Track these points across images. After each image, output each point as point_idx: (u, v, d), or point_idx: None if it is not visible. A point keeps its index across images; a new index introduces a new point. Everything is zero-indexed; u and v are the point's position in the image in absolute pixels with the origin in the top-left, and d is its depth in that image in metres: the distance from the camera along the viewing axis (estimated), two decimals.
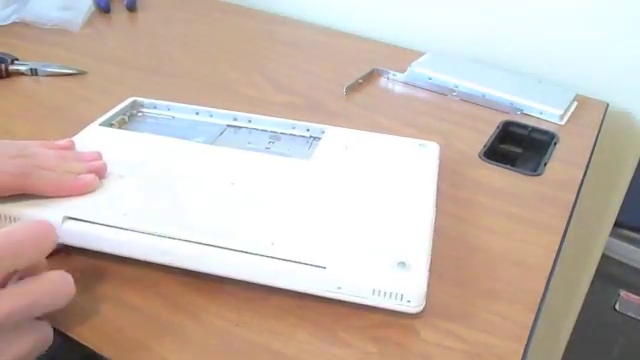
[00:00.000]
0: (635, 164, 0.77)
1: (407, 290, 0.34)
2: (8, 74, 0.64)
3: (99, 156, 0.43)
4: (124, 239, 0.37)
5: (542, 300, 0.40)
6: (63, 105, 0.60)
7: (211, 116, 0.53)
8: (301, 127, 0.51)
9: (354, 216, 0.39)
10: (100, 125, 0.49)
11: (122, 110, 0.53)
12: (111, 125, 0.51)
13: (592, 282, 0.89)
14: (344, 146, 0.48)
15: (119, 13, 0.86)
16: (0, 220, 0.37)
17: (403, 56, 0.75)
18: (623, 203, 0.81)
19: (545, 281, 0.41)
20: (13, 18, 0.78)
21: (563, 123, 0.65)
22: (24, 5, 0.79)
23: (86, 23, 0.81)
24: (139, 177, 0.42)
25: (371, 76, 0.72)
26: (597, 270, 0.88)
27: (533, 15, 0.76)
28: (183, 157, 0.45)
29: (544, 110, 0.65)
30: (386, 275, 0.35)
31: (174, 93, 0.64)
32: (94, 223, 0.37)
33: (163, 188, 0.41)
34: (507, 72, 0.74)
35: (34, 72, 0.65)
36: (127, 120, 0.53)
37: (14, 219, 0.37)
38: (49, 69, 0.65)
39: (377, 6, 0.86)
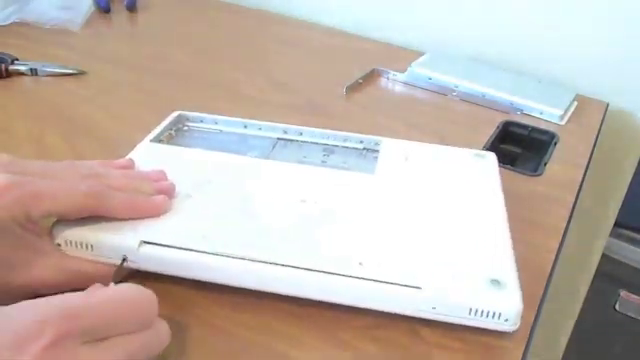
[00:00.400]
0: (635, 164, 0.77)
1: (504, 309, 0.34)
2: (8, 74, 0.64)
3: (164, 175, 0.41)
4: (206, 263, 0.35)
5: (542, 300, 0.40)
6: (63, 105, 0.60)
7: (260, 129, 0.51)
8: (354, 139, 0.50)
9: (435, 232, 0.38)
10: (151, 141, 0.48)
11: (169, 125, 0.51)
12: (160, 141, 0.49)
13: (592, 282, 0.89)
14: (404, 158, 0.47)
15: (119, 13, 0.86)
16: (74, 247, 0.36)
17: (403, 56, 0.75)
18: (623, 203, 0.81)
19: (545, 281, 0.41)
20: (13, 18, 0.78)
21: (563, 123, 0.65)
22: (24, 5, 0.79)
23: (86, 23, 0.81)
24: (208, 196, 0.40)
25: (371, 76, 0.72)
26: (597, 270, 0.88)
27: (533, 15, 0.76)
28: (246, 174, 0.44)
29: (544, 110, 0.65)
30: (482, 294, 0.34)
31: (174, 93, 0.64)
32: (173, 247, 0.35)
33: (236, 207, 0.39)
34: (507, 72, 0.74)
35: (34, 72, 0.65)
36: (174, 135, 0.51)
37: (90, 246, 0.35)
38: (49, 69, 0.65)
39: (377, 6, 0.86)
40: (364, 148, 0.50)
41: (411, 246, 0.37)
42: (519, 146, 0.62)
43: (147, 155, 0.45)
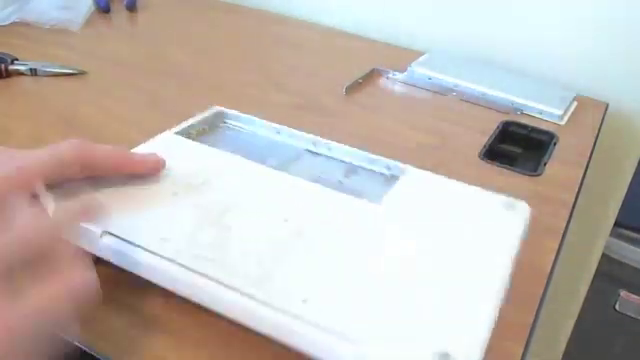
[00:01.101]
0: (635, 164, 0.77)
1: None
2: (8, 74, 0.64)
3: (163, 162, 0.41)
4: (156, 266, 0.34)
5: (542, 300, 0.40)
6: (63, 105, 0.60)
7: (291, 137, 0.50)
8: (381, 163, 0.46)
9: (409, 284, 0.33)
10: (176, 133, 0.46)
11: (204, 120, 0.50)
12: (189, 135, 0.47)
13: (592, 282, 0.89)
14: (421, 193, 0.42)
15: (119, 13, 0.86)
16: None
17: (403, 56, 0.75)
18: (623, 203, 0.81)
19: (545, 281, 0.41)
20: (13, 18, 0.78)
21: (563, 123, 0.65)
22: (24, 5, 0.79)
23: (86, 23, 0.81)
24: (192, 199, 0.39)
25: (371, 76, 0.72)
26: (597, 270, 0.88)
27: (533, 15, 0.76)
28: (246, 183, 0.41)
29: (544, 110, 0.65)
30: None
31: (174, 93, 0.64)
32: (130, 243, 0.34)
33: (212, 215, 0.37)
34: (507, 72, 0.74)
35: (34, 72, 0.65)
36: (207, 131, 0.50)
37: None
38: (49, 69, 0.65)
39: (377, 6, 0.86)
40: (391, 175, 0.46)
41: (370, 293, 0.32)
42: (519, 146, 0.62)
43: (161, 146, 0.44)
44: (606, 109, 0.70)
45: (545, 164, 0.56)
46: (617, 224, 0.84)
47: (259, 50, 0.78)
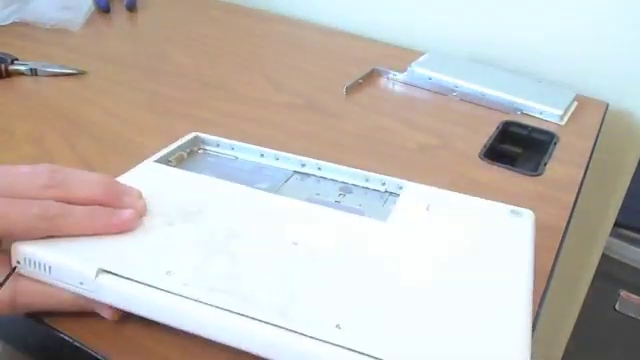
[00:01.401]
0: (635, 164, 0.77)
1: None
2: (8, 74, 0.64)
3: (140, 194, 0.38)
4: (165, 304, 0.31)
5: (542, 300, 0.40)
6: (63, 105, 0.60)
7: (277, 159, 0.47)
8: (375, 180, 0.45)
9: (435, 303, 0.32)
10: (156, 162, 0.44)
11: (182, 146, 0.47)
12: (168, 162, 0.45)
13: (592, 282, 0.89)
14: (425, 207, 0.41)
15: (119, 13, 0.86)
16: (32, 267, 0.32)
17: (403, 56, 0.75)
18: (623, 203, 0.81)
19: (545, 281, 0.41)
20: (13, 18, 0.78)
21: (563, 123, 0.65)
22: (24, 5, 0.79)
23: (86, 23, 0.81)
24: (191, 228, 0.36)
25: (371, 76, 0.72)
26: (597, 270, 0.88)
27: (533, 15, 0.76)
28: (244, 208, 0.39)
29: (544, 110, 0.65)
30: None
31: (174, 93, 0.64)
32: (131, 280, 0.31)
33: (217, 244, 0.35)
34: (507, 72, 0.74)
35: (34, 72, 0.65)
36: (186, 157, 0.47)
37: (48, 268, 0.32)
38: (49, 69, 0.65)
39: (377, 6, 0.86)
40: (386, 191, 0.45)
41: (402, 315, 0.31)
42: (519, 146, 0.62)
43: (145, 176, 0.42)
44: (606, 109, 0.70)
45: (545, 164, 0.56)
46: (617, 224, 0.84)
47: (259, 50, 0.78)
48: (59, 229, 0.33)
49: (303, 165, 0.47)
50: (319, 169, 0.47)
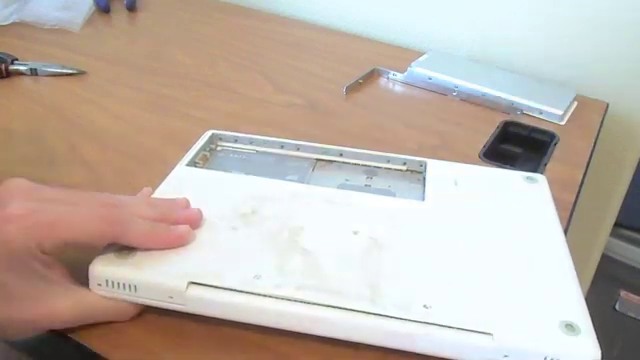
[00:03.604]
0: (635, 164, 0.77)
1: (582, 357, 0.31)
2: (8, 74, 0.64)
3: (188, 202, 0.39)
4: (260, 307, 0.33)
5: None
6: (63, 105, 0.60)
7: (298, 149, 0.49)
8: (397, 160, 0.48)
9: (498, 269, 0.36)
10: (187, 166, 0.45)
11: (203, 146, 0.48)
12: (196, 164, 0.46)
13: (592, 282, 0.89)
14: (453, 182, 0.44)
15: (119, 13, 0.86)
16: (115, 288, 0.34)
17: (403, 56, 0.75)
18: (623, 203, 0.81)
19: None
20: (13, 18, 0.78)
21: (563, 123, 0.65)
22: (24, 5, 0.79)
23: (86, 23, 0.81)
24: (255, 229, 0.38)
25: (371, 76, 0.72)
26: (597, 270, 0.88)
27: (533, 15, 0.76)
28: (291, 202, 0.41)
29: (544, 110, 0.65)
30: (559, 341, 0.31)
31: (174, 93, 0.64)
32: (222, 288, 0.33)
33: (286, 242, 0.37)
34: (507, 72, 0.74)
35: (34, 72, 0.65)
36: (209, 157, 0.48)
37: (134, 287, 0.33)
38: (49, 69, 0.65)
39: (377, 6, 0.86)
40: (407, 170, 0.47)
41: (476, 286, 0.34)
42: (519, 146, 0.62)
43: (183, 181, 0.43)
44: (606, 109, 0.70)
45: (545, 164, 0.56)
46: (617, 224, 0.84)
47: (259, 50, 0.78)
48: (124, 237, 0.34)
49: (325, 152, 0.49)
50: (341, 155, 0.48)
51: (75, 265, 0.34)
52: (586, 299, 0.35)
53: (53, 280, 0.33)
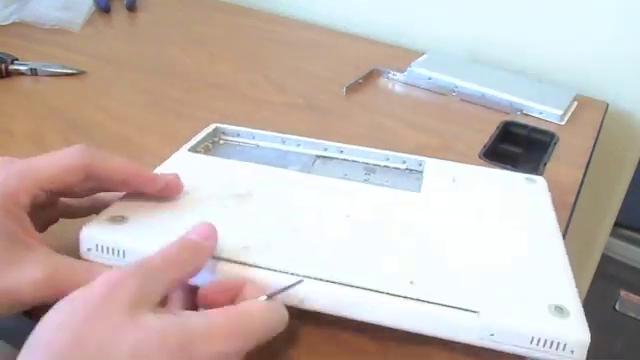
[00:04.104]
0: (635, 164, 0.77)
1: (570, 339, 0.30)
2: (8, 74, 0.64)
3: (177, 176, 0.39)
4: (247, 276, 0.33)
5: None
6: (63, 105, 0.60)
7: (299, 145, 0.49)
8: (396, 159, 0.48)
9: (489, 254, 0.36)
10: (189, 151, 0.46)
11: (206, 137, 0.49)
12: (197, 152, 0.47)
13: (592, 282, 0.89)
14: (451, 179, 0.44)
15: (119, 13, 0.86)
16: (104, 252, 0.34)
17: (403, 56, 0.75)
18: (623, 203, 0.81)
19: None
20: (13, 18, 0.78)
21: (563, 123, 0.65)
22: (24, 5, 0.79)
23: (86, 23, 0.81)
24: (248, 209, 0.38)
25: (371, 76, 0.72)
26: (597, 270, 0.88)
27: (533, 15, 0.76)
28: (288, 187, 0.42)
29: (544, 110, 0.65)
30: (546, 322, 0.31)
31: (174, 93, 0.64)
32: (211, 258, 0.33)
33: (278, 221, 0.37)
34: (507, 72, 0.74)
35: (34, 72, 0.65)
36: (211, 148, 0.49)
37: (122, 252, 0.34)
38: (49, 69, 0.65)
39: (377, 6, 0.86)
40: (407, 168, 0.48)
41: (465, 267, 0.35)
42: (519, 146, 0.62)
43: (184, 164, 0.43)
44: (606, 109, 0.70)
45: (545, 164, 0.56)
46: (617, 224, 0.84)
47: (259, 50, 0.78)
48: (102, 165, 0.34)
49: (325, 149, 0.49)
50: (341, 152, 0.49)
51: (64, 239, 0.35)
52: (586, 299, 0.35)
53: (30, 244, 0.31)
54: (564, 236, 0.47)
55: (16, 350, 0.27)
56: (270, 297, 0.30)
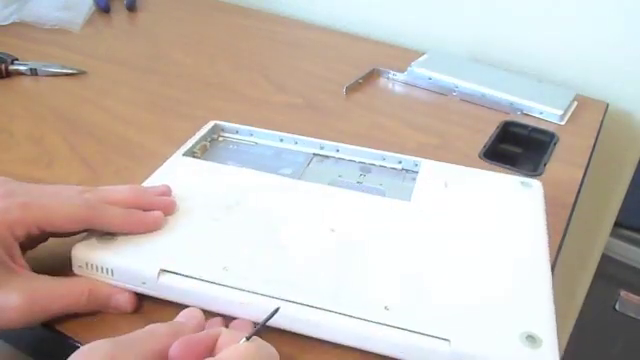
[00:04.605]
0: (635, 164, 0.77)
1: None
2: (8, 74, 0.64)
3: (168, 190, 0.41)
4: (225, 298, 0.34)
5: None
6: (63, 105, 0.60)
7: (296, 143, 0.50)
8: (392, 159, 0.48)
9: (469, 274, 0.36)
10: (183, 155, 0.47)
11: (204, 136, 0.50)
12: (194, 154, 0.48)
13: (592, 282, 0.89)
14: (443, 184, 0.44)
15: (119, 13, 0.86)
16: (94, 270, 0.35)
17: (403, 56, 0.75)
18: (623, 203, 0.81)
19: None
20: (13, 18, 0.78)
21: (563, 123, 0.65)
22: (24, 5, 0.79)
23: (86, 23, 0.81)
24: (235, 221, 0.39)
25: (371, 76, 0.72)
26: (597, 270, 0.88)
27: (533, 15, 0.76)
28: (277, 196, 0.42)
29: (544, 110, 0.65)
30: (515, 352, 0.31)
31: (174, 93, 0.64)
32: (192, 278, 0.34)
33: (262, 236, 0.38)
34: (507, 72, 0.74)
35: (34, 72, 0.65)
36: (209, 147, 0.50)
37: (110, 271, 0.35)
38: (49, 69, 0.65)
39: (377, 6, 0.86)
40: (402, 168, 0.48)
41: (443, 290, 0.34)
42: (519, 146, 0.62)
43: (176, 169, 0.44)
44: (606, 109, 0.70)
45: (545, 164, 0.56)
46: (617, 224, 0.84)
47: (259, 50, 0.78)
48: (100, 221, 0.35)
49: (322, 148, 0.49)
50: (337, 151, 0.49)
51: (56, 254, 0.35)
52: (586, 299, 0.35)
53: (12, 270, 0.32)
54: (564, 236, 0.47)
55: (16, 350, 0.27)
56: (249, 338, 0.30)
